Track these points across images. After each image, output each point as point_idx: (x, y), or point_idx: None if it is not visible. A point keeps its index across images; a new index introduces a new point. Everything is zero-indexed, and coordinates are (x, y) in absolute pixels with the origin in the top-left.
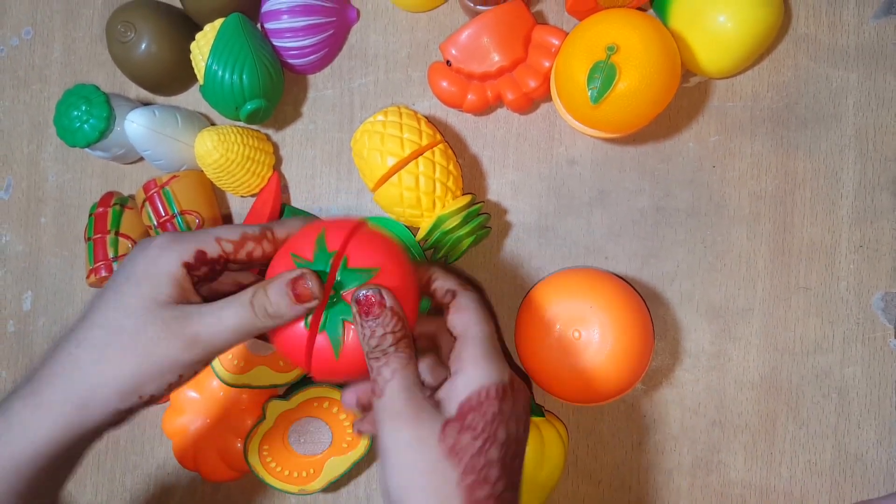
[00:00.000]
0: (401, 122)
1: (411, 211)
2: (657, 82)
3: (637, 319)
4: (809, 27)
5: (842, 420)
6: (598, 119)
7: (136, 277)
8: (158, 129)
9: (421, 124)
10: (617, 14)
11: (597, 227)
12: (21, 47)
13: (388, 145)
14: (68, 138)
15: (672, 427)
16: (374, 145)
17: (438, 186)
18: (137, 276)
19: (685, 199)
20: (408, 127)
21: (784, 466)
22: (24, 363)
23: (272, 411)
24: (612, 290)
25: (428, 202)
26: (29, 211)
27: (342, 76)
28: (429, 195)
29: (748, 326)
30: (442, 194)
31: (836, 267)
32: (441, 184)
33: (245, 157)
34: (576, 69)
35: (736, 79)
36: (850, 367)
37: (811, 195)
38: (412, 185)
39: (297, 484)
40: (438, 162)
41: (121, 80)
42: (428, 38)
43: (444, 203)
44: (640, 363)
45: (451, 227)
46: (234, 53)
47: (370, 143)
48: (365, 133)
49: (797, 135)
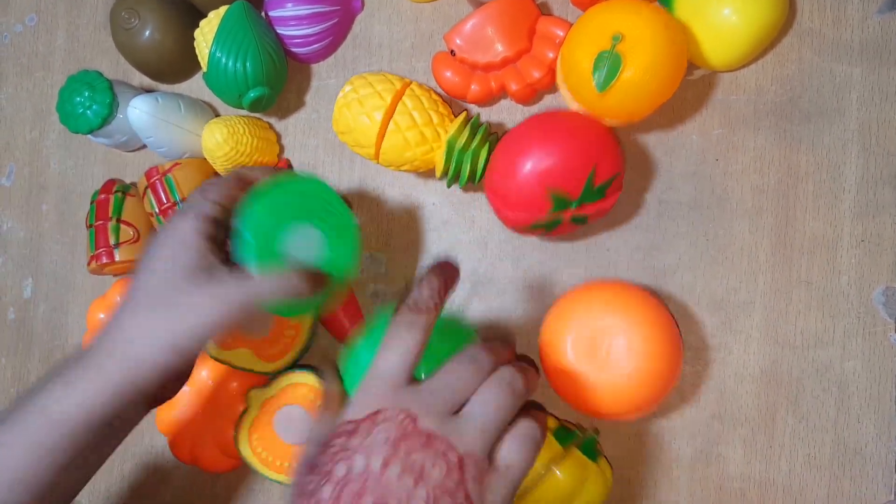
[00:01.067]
0: (368, 81)
1: (421, 149)
2: (662, 72)
3: (666, 340)
4: (814, 21)
5: (842, 414)
6: (604, 107)
7: (163, 248)
8: (161, 117)
9: (385, 75)
10: (623, 3)
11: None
12: (25, 34)
13: (368, 104)
14: (71, 124)
15: (671, 420)
16: (356, 112)
17: (433, 115)
18: (164, 244)
19: (688, 192)
20: (376, 81)
21: (783, 460)
22: (24, 350)
23: (255, 400)
24: (643, 306)
25: (431, 133)
26: (31, 198)
27: (346, 65)
28: (429, 125)
29: (749, 320)
30: (440, 121)
31: (837, 261)
32: (434, 112)
33: (253, 147)
34: (581, 57)
35: (740, 72)
36: (850, 362)
37: (814, 189)
38: (410, 123)
39: (275, 470)
40: (421, 94)
41: (124, 68)
42: (432, 29)
43: (445, 128)
44: (667, 383)
45: (463, 143)
46: (237, 41)
47: (352, 112)
48: (343, 108)
49: (800, 129)
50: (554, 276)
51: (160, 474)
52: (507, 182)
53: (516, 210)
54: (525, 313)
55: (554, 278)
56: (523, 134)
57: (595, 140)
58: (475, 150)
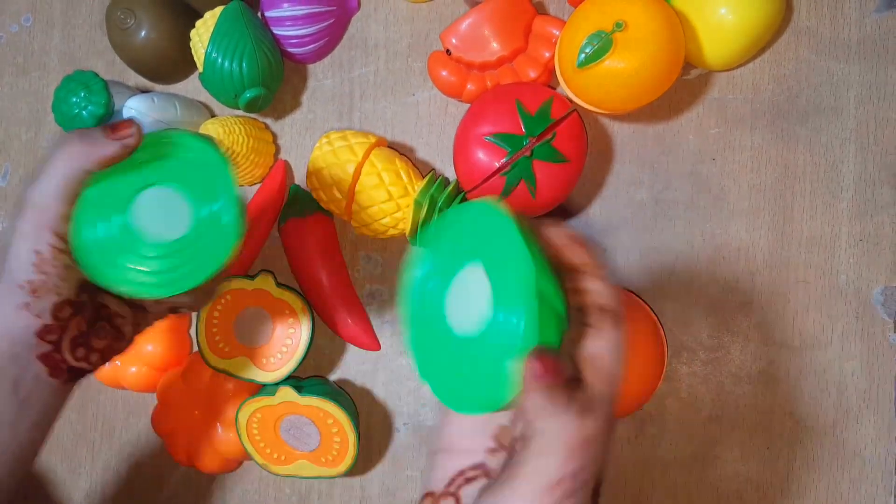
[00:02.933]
0: (343, 135)
1: (387, 206)
2: (656, 67)
3: (650, 340)
4: (811, 20)
5: (840, 415)
6: (578, 86)
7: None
8: (157, 117)
9: (355, 133)
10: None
11: (595, 219)
12: (20, 34)
13: (342, 157)
14: (67, 124)
15: (668, 421)
16: (330, 161)
17: (403, 173)
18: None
19: (684, 192)
20: (350, 135)
21: (781, 462)
22: None
23: (282, 395)
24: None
25: (398, 190)
26: None
27: (342, 66)
28: (397, 185)
29: (746, 320)
30: (408, 180)
31: (835, 261)
32: (402, 170)
33: (249, 148)
34: (580, 30)
35: (736, 71)
36: (848, 362)
37: (811, 188)
38: (377, 182)
39: (265, 459)
40: (387, 157)
41: (120, 68)
42: (428, 28)
43: (413, 187)
44: (651, 384)
45: (429, 202)
46: (233, 41)
47: (327, 163)
48: (317, 159)
49: (797, 128)
50: None
51: (156, 475)
52: (457, 157)
53: (471, 165)
54: None
55: None
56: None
57: (505, 89)
58: (440, 208)
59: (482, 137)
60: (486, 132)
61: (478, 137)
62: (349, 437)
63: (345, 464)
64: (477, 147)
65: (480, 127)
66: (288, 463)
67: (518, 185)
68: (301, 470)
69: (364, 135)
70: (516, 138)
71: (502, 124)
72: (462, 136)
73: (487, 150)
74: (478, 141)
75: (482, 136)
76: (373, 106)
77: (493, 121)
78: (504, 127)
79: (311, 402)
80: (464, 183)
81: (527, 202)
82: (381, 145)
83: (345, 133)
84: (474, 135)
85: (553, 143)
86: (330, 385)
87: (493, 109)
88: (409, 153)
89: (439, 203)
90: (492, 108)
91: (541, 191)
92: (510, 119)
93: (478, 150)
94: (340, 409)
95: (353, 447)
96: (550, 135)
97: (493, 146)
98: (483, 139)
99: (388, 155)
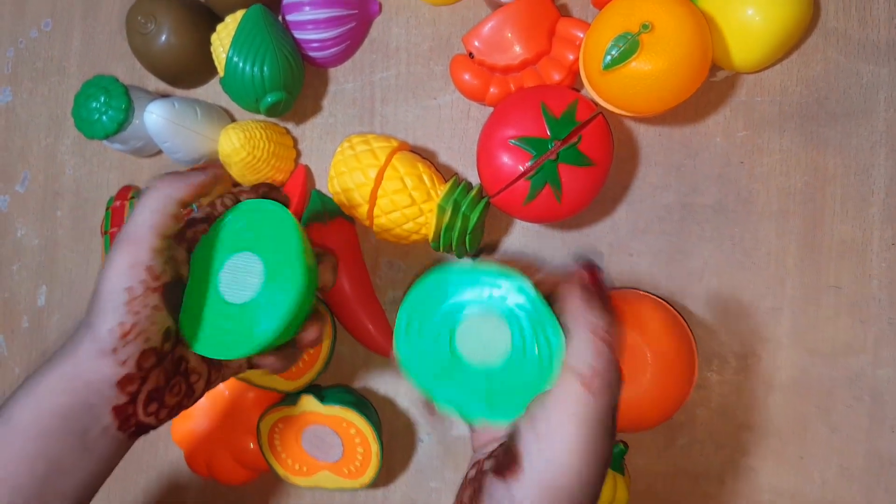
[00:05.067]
0: (365, 139)
1: (410, 210)
2: (684, 70)
3: (680, 349)
4: (839, 21)
5: (875, 423)
6: (604, 88)
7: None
8: (178, 121)
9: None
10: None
11: (621, 223)
12: (40, 39)
13: (364, 161)
14: (86, 130)
15: (699, 430)
16: (352, 166)
17: (426, 177)
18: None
19: (712, 195)
20: (372, 139)
21: (816, 472)
22: (37, 360)
23: (305, 405)
24: (654, 317)
25: (421, 195)
26: (45, 204)
27: (363, 69)
28: (420, 189)
29: (778, 326)
30: (430, 184)
31: (867, 265)
32: (425, 175)
33: (270, 153)
34: (606, 31)
35: (764, 73)
36: (883, 369)
37: (841, 192)
38: (399, 187)
39: (287, 470)
40: (409, 161)
41: (140, 73)
42: (450, 31)
43: (436, 192)
44: (681, 393)
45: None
46: (255, 45)
47: (348, 167)
48: (339, 164)
49: (827, 130)
50: None
51: (176, 487)
52: (481, 161)
53: (495, 169)
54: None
55: None
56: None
57: (529, 92)
58: (464, 214)
59: (507, 141)
60: (510, 135)
61: (502, 141)
62: (372, 448)
63: (368, 475)
64: (501, 151)
65: (505, 130)
66: (309, 474)
67: (543, 189)
68: (323, 482)
69: (386, 139)
70: (541, 142)
71: (527, 127)
72: (486, 140)
73: (512, 153)
74: (502, 144)
75: (507, 140)
76: (394, 110)
77: (517, 124)
78: (529, 130)
79: (334, 411)
80: (487, 187)
81: (552, 206)
82: (403, 149)
83: (367, 137)
84: (498, 138)
85: (579, 146)
86: (353, 394)
87: (518, 112)
88: (430, 157)
89: (463, 207)
90: (516, 112)
91: (566, 195)
92: (535, 122)
93: (502, 153)
94: (363, 419)
95: (376, 457)
96: (576, 138)
97: (517, 150)
98: (507, 143)
99: (410, 159)
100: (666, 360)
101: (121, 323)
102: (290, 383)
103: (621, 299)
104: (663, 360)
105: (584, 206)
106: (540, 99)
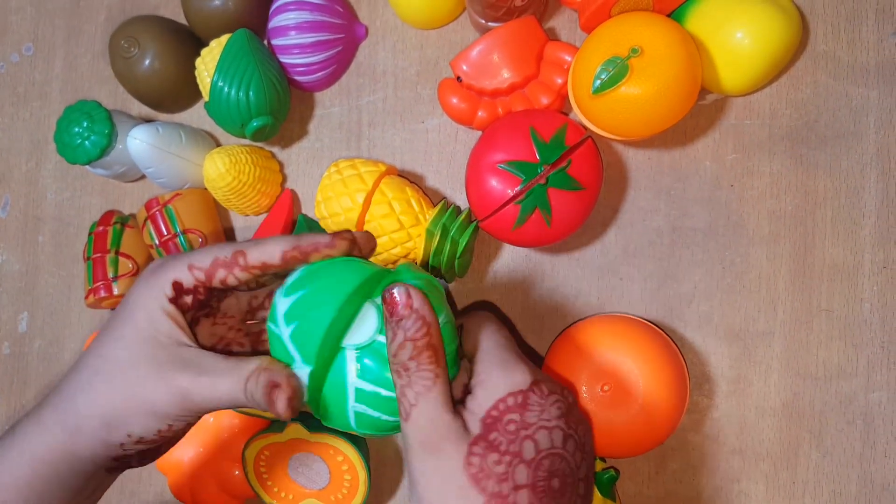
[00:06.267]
0: (352, 163)
1: (398, 235)
2: (673, 93)
3: (672, 374)
4: (828, 44)
5: (867, 448)
6: (594, 113)
7: (133, 308)
8: (161, 146)
9: (365, 161)
10: (652, 19)
11: (611, 247)
12: (21, 63)
13: (351, 186)
14: (69, 155)
15: (690, 455)
16: (339, 190)
17: (414, 201)
18: (134, 307)
19: (702, 219)
20: (359, 163)
21: (808, 497)
22: (19, 387)
23: (292, 432)
24: (645, 342)
25: (409, 219)
26: (27, 229)
27: (350, 94)
28: (408, 214)
29: (768, 350)
30: (419, 208)
31: (859, 288)
32: (413, 199)
33: (256, 177)
34: (595, 54)
35: (753, 96)
36: (875, 393)
37: (832, 215)
38: (387, 211)
39: (272, 497)
40: (397, 185)
41: (123, 98)
42: (437, 55)
43: (424, 216)
44: (673, 418)
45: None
46: (240, 70)
47: (336, 191)
48: (326, 188)
49: (817, 153)
50: (566, 305)
51: None
52: (470, 185)
53: (484, 194)
54: (536, 342)
55: (566, 307)
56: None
57: (518, 116)
58: (454, 237)
59: (495, 165)
60: (499, 160)
61: (491, 165)
62: (360, 475)
63: (355, 502)
64: (490, 175)
65: (494, 154)
66: (296, 502)
67: (533, 214)
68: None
69: (374, 163)
70: (531, 166)
71: (516, 152)
72: (475, 164)
73: (501, 177)
74: (491, 169)
75: (495, 164)
76: (381, 133)
77: (506, 148)
78: (518, 154)
79: (321, 438)
80: (476, 211)
81: (542, 230)
82: (391, 173)
83: (354, 161)
84: (487, 162)
85: (568, 170)
86: None
87: (507, 136)
88: (418, 181)
89: (451, 232)
90: (505, 136)
91: (556, 219)
92: (524, 146)
93: (491, 178)
94: (351, 446)
95: (363, 485)
96: (565, 162)
97: (506, 174)
98: (496, 167)
99: (398, 183)
100: (657, 385)
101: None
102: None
103: (611, 323)
104: (654, 384)
105: (574, 231)
106: (529, 123)
